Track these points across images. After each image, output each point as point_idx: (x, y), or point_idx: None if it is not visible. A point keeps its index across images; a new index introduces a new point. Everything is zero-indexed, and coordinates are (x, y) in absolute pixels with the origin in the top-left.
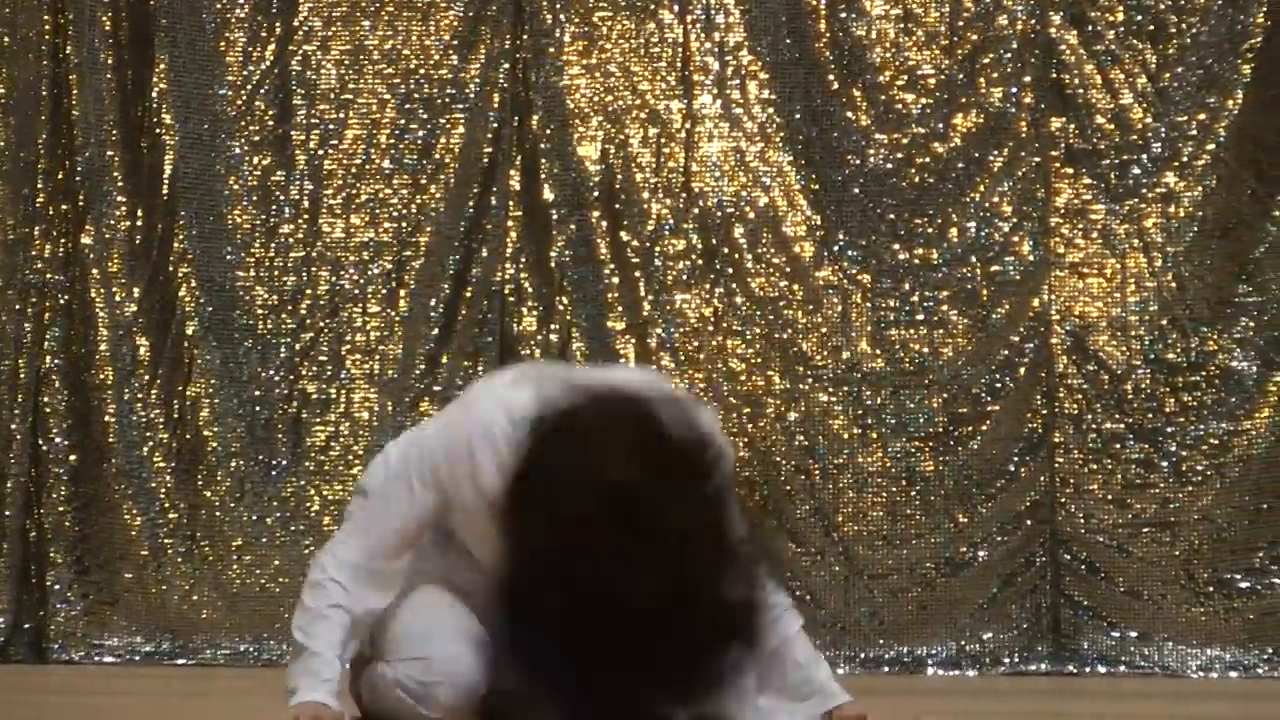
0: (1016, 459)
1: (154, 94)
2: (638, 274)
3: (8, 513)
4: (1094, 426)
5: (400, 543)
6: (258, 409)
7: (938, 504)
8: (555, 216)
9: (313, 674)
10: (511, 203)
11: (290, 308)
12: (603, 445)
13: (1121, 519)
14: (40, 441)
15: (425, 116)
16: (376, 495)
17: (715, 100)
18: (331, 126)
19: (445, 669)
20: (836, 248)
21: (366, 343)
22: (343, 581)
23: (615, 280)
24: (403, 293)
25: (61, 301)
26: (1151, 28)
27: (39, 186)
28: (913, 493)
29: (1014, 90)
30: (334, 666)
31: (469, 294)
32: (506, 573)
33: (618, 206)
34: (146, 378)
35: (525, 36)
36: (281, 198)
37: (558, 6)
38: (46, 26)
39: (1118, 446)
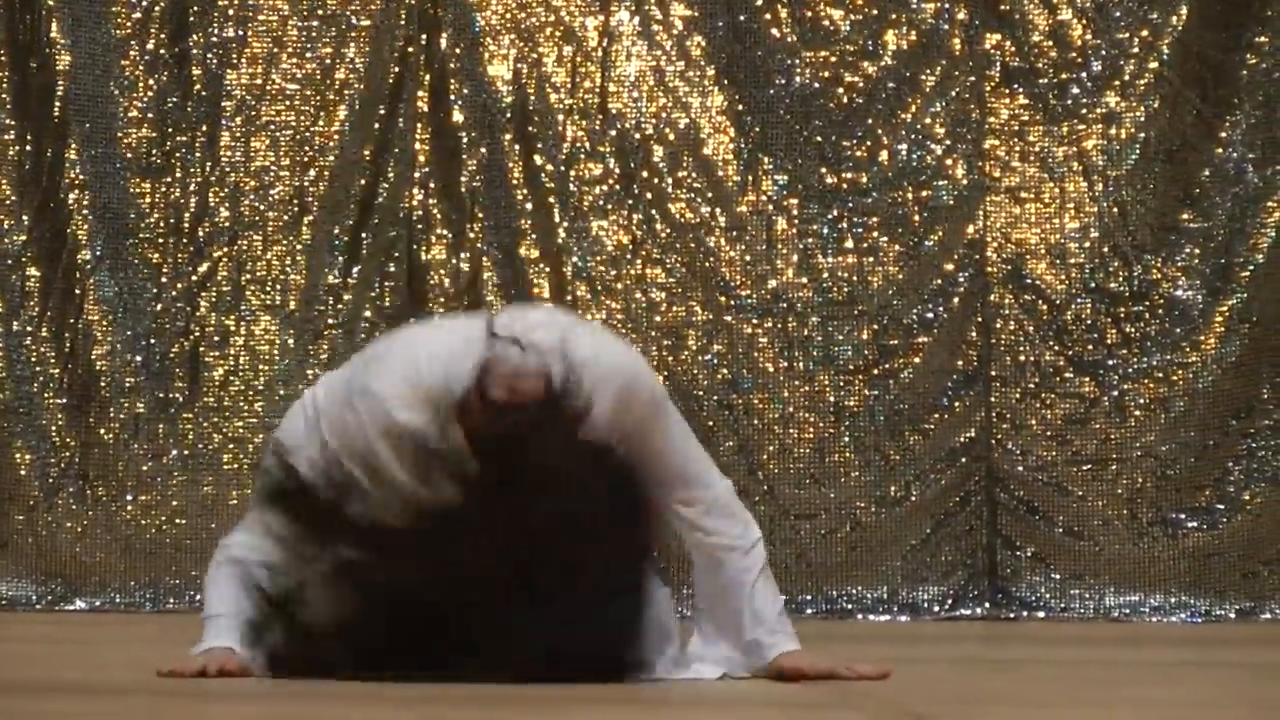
0: (950, 393)
1: (42, 11)
2: (552, 200)
3: None
4: (1032, 359)
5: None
6: (153, 342)
7: (868, 440)
8: (465, 140)
9: (215, 623)
10: (419, 125)
11: (187, 236)
12: None
13: (1061, 456)
14: None
15: (330, 34)
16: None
17: (633, 16)
18: (231, 45)
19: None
20: (761, 171)
21: (267, 272)
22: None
23: (529, 207)
24: (306, 220)
25: None
26: None
27: None
28: (841, 428)
29: (947, 6)
30: (238, 614)
31: (375, 221)
32: None
33: (531, 129)
34: (36, 309)
35: None
36: (179, 121)
37: None
38: None
39: (1057, 380)
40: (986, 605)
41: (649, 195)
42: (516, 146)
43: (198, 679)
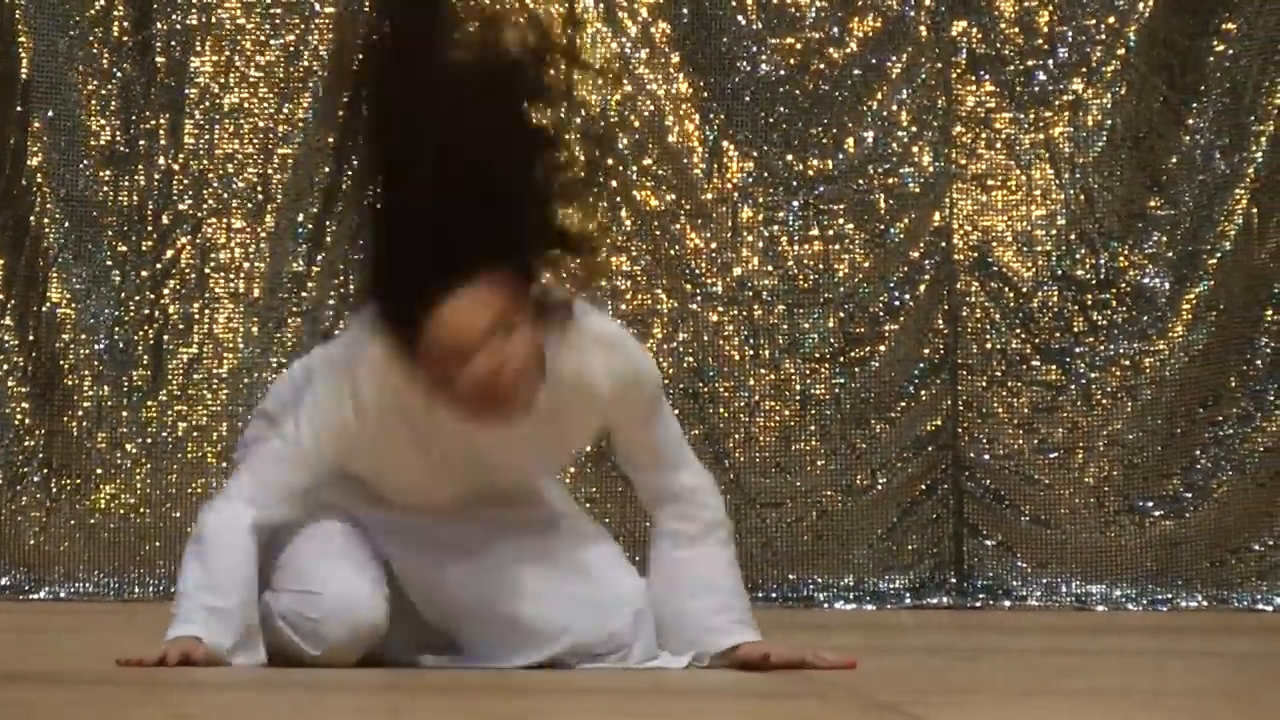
0: (917, 381)
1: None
2: None
3: None
4: (999, 347)
5: (301, 483)
6: (117, 330)
7: (833, 429)
8: None
9: (182, 607)
10: None
11: (151, 223)
12: None
13: (1028, 444)
14: None
15: (293, 21)
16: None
17: (598, 3)
18: (194, 32)
19: (336, 605)
20: (726, 159)
21: (231, 260)
22: (229, 506)
23: None
24: (269, 207)
25: None
26: None
27: None
28: (807, 417)
29: None
30: (203, 598)
31: (339, 209)
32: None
33: None
34: (0, 297)
35: None
36: (142, 108)
37: None
38: None
39: (1024, 368)
40: (953, 594)
41: (614, 183)
42: None
43: (158, 668)
